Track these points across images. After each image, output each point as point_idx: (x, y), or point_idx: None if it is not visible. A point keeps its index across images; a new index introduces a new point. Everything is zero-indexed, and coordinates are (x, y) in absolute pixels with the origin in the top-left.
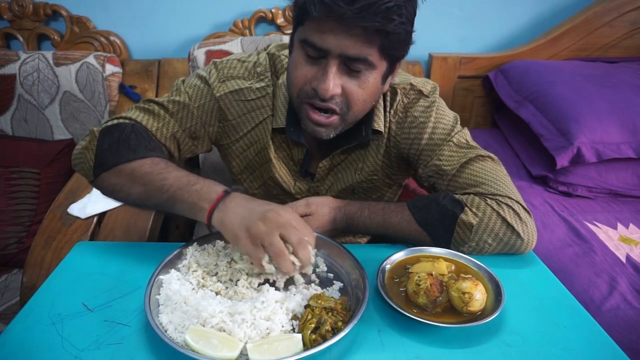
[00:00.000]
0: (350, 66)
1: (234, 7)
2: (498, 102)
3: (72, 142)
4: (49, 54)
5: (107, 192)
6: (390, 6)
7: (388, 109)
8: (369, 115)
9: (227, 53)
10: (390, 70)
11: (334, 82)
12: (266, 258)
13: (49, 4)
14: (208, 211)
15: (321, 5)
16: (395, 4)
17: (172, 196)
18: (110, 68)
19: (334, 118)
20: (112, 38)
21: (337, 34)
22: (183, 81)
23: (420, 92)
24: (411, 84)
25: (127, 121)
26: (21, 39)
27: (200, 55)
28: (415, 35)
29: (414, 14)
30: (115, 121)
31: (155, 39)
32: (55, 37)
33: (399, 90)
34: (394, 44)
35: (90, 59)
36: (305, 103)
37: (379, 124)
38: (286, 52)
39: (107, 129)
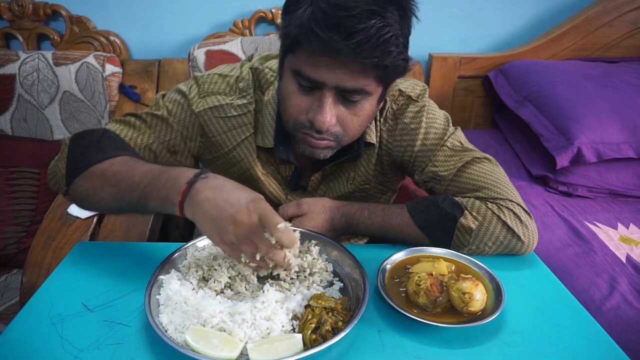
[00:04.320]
0: (347, 97)
1: (234, 7)
2: (498, 102)
3: None
4: (48, 54)
5: (81, 199)
6: (387, 38)
7: (378, 118)
8: None
9: (227, 53)
10: (385, 92)
11: (331, 114)
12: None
13: (49, 4)
14: (178, 205)
15: (317, 41)
16: (392, 34)
17: (142, 194)
18: (110, 68)
19: (331, 142)
20: (112, 38)
21: (333, 68)
22: (163, 96)
23: (409, 98)
24: (400, 90)
25: (99, 128)
26: (21, 38)
27: (200, 55)
28: (415, 35)
29: (409, 34)
30: (86, 130)
31: (155, 39)
32: (55, 37)
33: (387, 98)
34: (392, 74)
35: (90, 59)
36: (301, 132)
37: (372, 136)
38: (270, 64)
39: (77, 136)
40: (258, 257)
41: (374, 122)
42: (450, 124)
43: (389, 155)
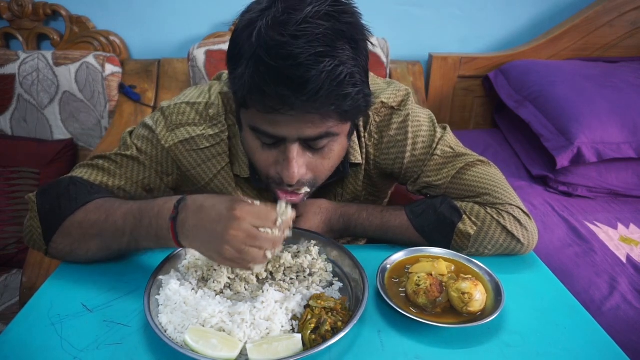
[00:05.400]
0: (312, 145)
1: (234, 7)
2: (498, 102)
3: (71, 142)
4: (48, 54)
5: (65, 254)
6: (342, 80)
7: (362, 133)
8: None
9: None
10: (354, 126)
11: (299, 166)
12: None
13: (49, 4)
14: (174, 242)
15: (266, 99)
16: (346, 73)
17: (132, 238)
18: (110, 68)
19: (305, 191)
20: (112, 38)
21: (290, 122)
22: (131, 133)
23: (392, 108)
24: (382, 102)
25: (65, 177)
26: (21, 38)
27: (200, 55)
28: (415, 35)
29: (367, 62)
30: (51, 181)
31: (155, 39)
32: (55, 37)
33: (370, 113)
34: (353, 114)
35: (90, 59)
36: (275, 187)
37: (356, 157)
38: None
39: (42, 189)
40: (269, 255)
41: (357, 140)
42: (437, 127)
43: (377, 169)
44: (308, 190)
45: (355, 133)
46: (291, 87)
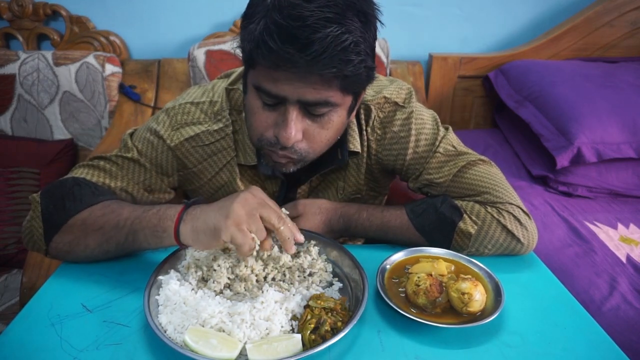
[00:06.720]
0: (311, 111)
1: (234, 7)
2: (498, 102)
3: (71, 142)
4: (48, 54)
5: (63, 253)
6: (346, 45)
7: (364, 127)
8: (342, 137)
9: (227, 53)
10: (356, 102)
11: (296, 129)
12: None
13: (49, 4)
14: (174, 228)
15: (271, 54)
16: (352, 41)
17: (131, 229)
18: (110, 68)
19: (294, 158)
20: (112, 38)
21: (292, 81)
22: (131, 135)
23: (396, 104)
24: (385, 97)
25: (68, 178)
26: (21, 38)
27: (200, 55)
28: (415, 35)
29: (374, 40)
30: (55, 182)
31: (155, 39)
32: (55, 37)
33: (372, 107)
34: (355, 83)
35: (90, 59)
36: (266, 148)
37: (355, 145)
38: None
39: (47, 190)
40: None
41: (357, 130)
42: (440, 126)
43: (379, 164)
44: (295, 158)
45: (355, 121)
46: (296, 46)
